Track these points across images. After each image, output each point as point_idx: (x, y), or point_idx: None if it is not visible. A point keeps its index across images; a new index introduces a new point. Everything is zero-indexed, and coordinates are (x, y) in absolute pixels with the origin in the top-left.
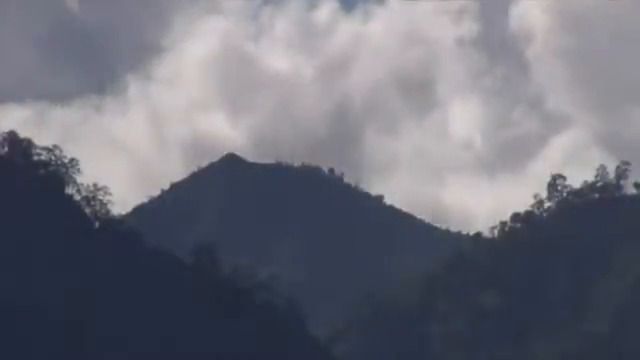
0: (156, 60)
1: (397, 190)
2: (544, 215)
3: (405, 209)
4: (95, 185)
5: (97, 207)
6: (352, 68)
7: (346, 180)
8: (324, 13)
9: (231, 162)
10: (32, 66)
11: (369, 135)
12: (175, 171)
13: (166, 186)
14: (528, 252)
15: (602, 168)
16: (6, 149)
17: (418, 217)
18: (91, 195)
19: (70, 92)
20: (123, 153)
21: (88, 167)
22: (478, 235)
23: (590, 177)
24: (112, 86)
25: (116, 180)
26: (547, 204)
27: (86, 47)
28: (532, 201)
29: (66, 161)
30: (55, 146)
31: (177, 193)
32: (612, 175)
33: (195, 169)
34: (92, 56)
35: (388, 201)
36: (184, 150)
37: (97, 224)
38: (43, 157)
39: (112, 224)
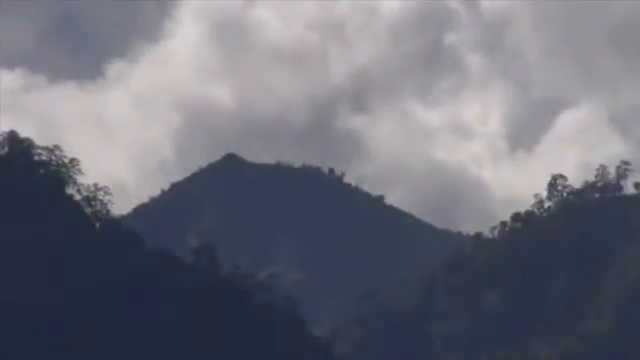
0: (147, 45)
1: (398, 189)
2: (544, 215)
3: (405, 209)
4: (95, 185)
5: (97, 207)
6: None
7: (346, 180)
8: None
9: (231, 162)
10: (30, 44)
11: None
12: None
13: (166, 186)
14: (528, 252)
15: (602, 168)
16: (6, 149)
17: (418, 217)
18: (91, 195)
19: (59, 75)
20: (105, 132)
21: (73, 142)
22: (478, 235)
23: (601, 156)
24: (99, 71)
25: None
26: (547, 204)
27: (78, 33)
28: (535, 199)
29: (66, 161)
30: (55, 146)
31: (177, 193)
32: (612, 175)
33: (195, 169)
34: (82, 41)
35: (388, 201)
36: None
37: (97, 224)
38: (43, 157)
39: (112, 224)
